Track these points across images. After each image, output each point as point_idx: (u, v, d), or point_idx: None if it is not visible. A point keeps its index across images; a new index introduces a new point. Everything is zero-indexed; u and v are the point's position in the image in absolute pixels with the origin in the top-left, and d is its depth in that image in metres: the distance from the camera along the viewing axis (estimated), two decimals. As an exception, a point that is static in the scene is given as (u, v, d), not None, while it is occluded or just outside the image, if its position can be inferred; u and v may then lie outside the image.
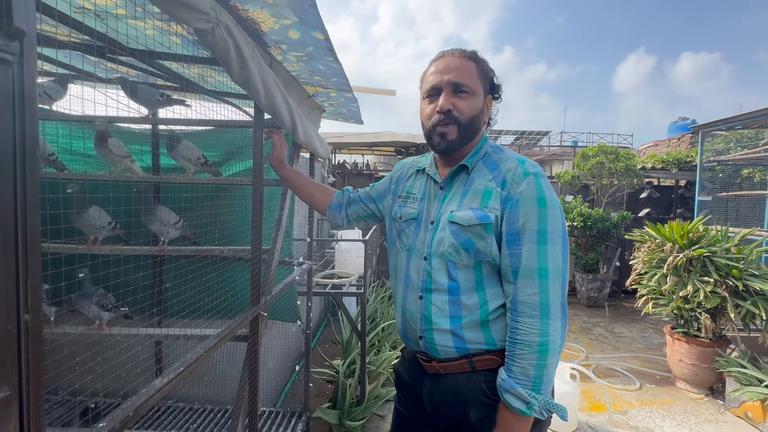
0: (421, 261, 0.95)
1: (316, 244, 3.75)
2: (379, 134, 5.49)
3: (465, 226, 0.89)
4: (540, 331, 0.82)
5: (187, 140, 1.61)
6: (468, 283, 0.90)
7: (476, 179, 0.93)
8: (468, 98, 0.91)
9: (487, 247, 0.88)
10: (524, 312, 0.84)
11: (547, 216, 0.85)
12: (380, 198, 1.16)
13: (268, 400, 2.38)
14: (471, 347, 0.90)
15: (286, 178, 1.31)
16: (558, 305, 0.84)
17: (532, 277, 0.84)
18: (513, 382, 0.83)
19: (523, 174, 0.88)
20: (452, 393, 0.93)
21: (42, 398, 0.50)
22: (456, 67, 0.91)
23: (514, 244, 0.86)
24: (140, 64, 1.34)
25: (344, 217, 1.22)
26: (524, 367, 0.82)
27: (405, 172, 1.11)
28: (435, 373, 0.96)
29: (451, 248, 0.90)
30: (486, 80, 0.95)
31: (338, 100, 1.87)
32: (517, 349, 0.84)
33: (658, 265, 3.11)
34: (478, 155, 0.96)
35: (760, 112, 3.64)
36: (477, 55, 0.94)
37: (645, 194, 5.84)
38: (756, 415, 2.51)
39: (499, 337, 0.90)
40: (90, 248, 1.48)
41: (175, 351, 2.01)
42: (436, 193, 0.99)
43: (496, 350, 0.90)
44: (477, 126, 0.94)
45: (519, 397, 0.82)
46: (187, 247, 1.67)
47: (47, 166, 1.56)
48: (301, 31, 1.11)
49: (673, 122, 9.16)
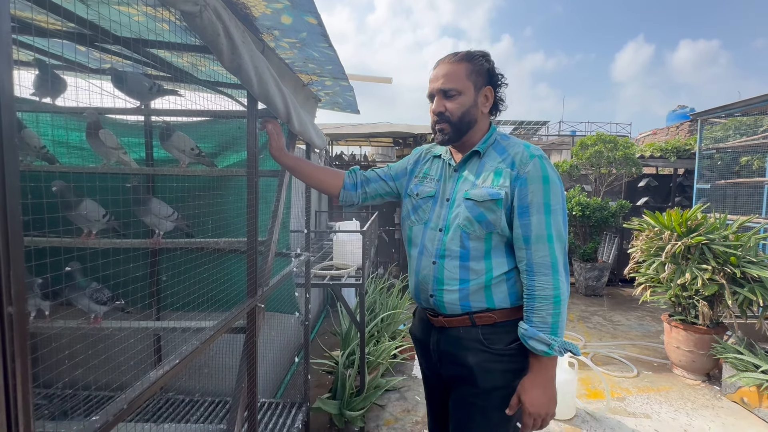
0: (437, 232, 1.09)
1: (314, 235, 3.74)
2: (377, 125, 5.45)
3: (479, 202, 1.03)
4: (553, 285, 0.98)
5: (180, 131, 1.59)
6: (477, 251, 1.04)
7: (487, 162, 1.08)
8: (456, 99, 1.05)
9: (497, 219, 1.02)
10: (539, 271, 0.99)
11: (550, 191, 1.01)
12: (398, 177, 1.29)
13: (267, 391, 2.39)
14: (473, 306, 1.05)
15: (290, 167, 1.29)
16: (562, 263, 1.01)
17: (543, 242, 0.99)
18: (535, 330, 0.98)
19: (529, 156, 1.03)
20: (454, 342, 1.09)
21: (30, 393, 0.49)
22: (444, 74, 1.06)
23: (525, 216, 1.01)
24: (130, 53, 1.30)
25: (360, 195, 1.30)
26: (543, 317, 0.98)
27: (423, 156, 1.25)
28: (441, 327, 1.11)
29: (466, 221, 1.04)
30: (479, 75, 1.06)
31: (334, 89, 1.84)
32: (535, 303, 0.99)
33: (656, 253, 3.12)
34: (488, 142, 1.10)
35: (760, 98, 3.61)
36: (469, 54, 1.06)
37: (643, 183, 5.83)
38: (752, 400, 2.54)
39: (497, 299, 1.05)
40: (84, 241, 1.46)
41: (175, 344, 2.01)
42: (451, 175, 1.13)
43: (494, 309, 1.06)
44: (470, 119, 1.07)
45: (541, 341, 0.97)
46: (182, 239, 1.66)
47: (38, 159, 1.53)
48: (293, 15, 1.08)
49: (672, 111, 9.12)
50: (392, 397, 2.65)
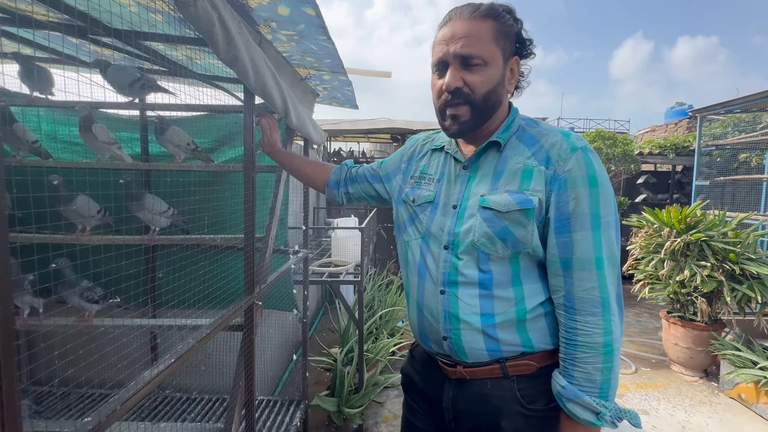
0: (441, 250, 0.83)
1: (312, 232, 3.72)
2: (375, 121, 5.41)
3: (502, 213, 0.76)
4: (603, 330, 0.73)
5: (176, 126, 1.56)
6: (503, 275, 0.78)
7: (511, 157, 0.80)
8: (480, 70, 0.76)
9: (527, 236, 0.76)
10: (584, 309, 0.74)
11: (599, 197, 0.74)
12: (388, 178, 1.03)
13: (266, 389, 2.38)
14: (505, 350, 0.79)
15: (281, 162, 1.25)
16: (615, 298, 0.76)
17: (590, 269, 0.74)
18: (577, 390, 0.74)
19: (570, 149, 0.76)
20: (480, 401, 0.81)
21: (15, 392, 0.47)
22: (464, 33, 0.75)
23: (564, 231, 0.75)
24: (122, 45, 1.27)
25: (343, 195, 1.11)
26: (589, 372, 0.73)
27: (418, 150, 0.98)
28: (459, 379, 0.84)
29: (484, 238, 0.78)
30: (508, 40, 0.78)
31: (332, 83, 1.81)
32: (578, 352, 0.74)
33: (655, 250, 3.11)
34: (510, 130, 0.82)
35: (759, 94, 3.60)
36: (494, 8, 0.77)
37: (642, 180, 5.83)
38: (749, 397, 2.54)
39: (537, 339, 0.80)
40: (78, 238, 1.44)
41: (172, 342, 1.99)
42: (459, 174, 0.86)
43: (534, 353, 0.80)
44: (496, 100, 0.80)
45: (587, 407, 0.73)
46: (178, 236, 1.63)
47: (30, 154, 1.50)
48: (290, 6, 1.05)
49: (671, 107, 9.11)
50: (391, 394, 2.65)
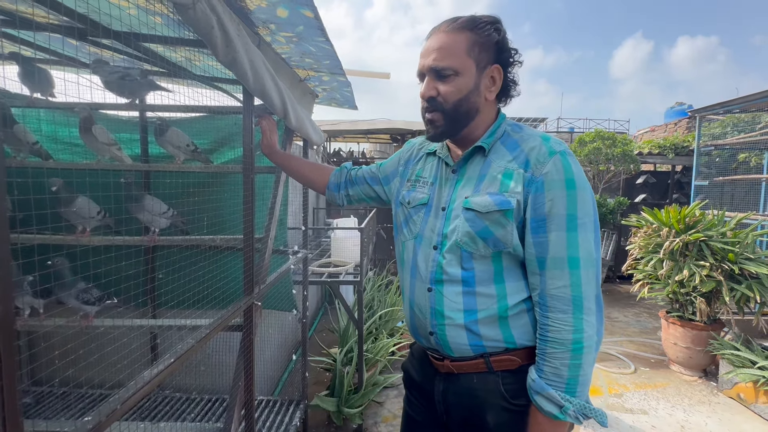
0: (430, 250, 0.87)
1: (312, 232, 3.73)
2: (374, 121, 5.42)
3: (482, 213, 0.81)
4: (573, 327, 0.75)
5: (176, 127, 1.56)
6: (485, 273, 0.82)
7: (494, 161, 0.84)
8: (451, 80, 0.81)
9: (506, 235, 0.80)
10: (555, 307, 0.77)
11: (577, 199, 0.77)
12: (387, 180, 1.08)
13: (265, 389, 2.39)
14: (488, 345, 0.83)
15: (279, 164, 1.27)
16: (592, 298, 0.78)
17: (562, 267, 0.77)
18: (544, 383, 0.76)
19: (548, 153, 0.79)
20: (467, 395, 0.86)
21: (16, 392, 0.47)
22: (438, 47, 0.81)
23: (540, 231, 0.78)
24: (122, 47, 1.28)
25: (344, 197, 1.16)
26: (556, 367, 0.76)
27: (414, 154, 1.02)
28: (447, 372, 0.89)
29: (466, 237, 0.82)
30: (485, 50, 0.82)
31: (331, 84, 1.82)
32: (548, 347, 0.77)
33: (654, 250, 3.12)
34: (495, 135, 0.86)
35: (759, 94, 3.61)
36: (473, 21, 0.81)
37: (641, 180, 5.83)
38: (748, 396, 2.55)
39: (519, 335, 0.83)
40: (78, 239, 1.44)
41: (171, 342, 2.00)
42: (448, 177, 0.90)
43: (516, 349, 0.83)
44: (469, 108, 0.84)
45: (551, 399, 0.76)
46: (178, 236, 1.64)
47: (30, 155, 1.51)
48: (289, 8, 1.06)
49: (670, 107, 9.11)
50: (390, 394, 2.65)
